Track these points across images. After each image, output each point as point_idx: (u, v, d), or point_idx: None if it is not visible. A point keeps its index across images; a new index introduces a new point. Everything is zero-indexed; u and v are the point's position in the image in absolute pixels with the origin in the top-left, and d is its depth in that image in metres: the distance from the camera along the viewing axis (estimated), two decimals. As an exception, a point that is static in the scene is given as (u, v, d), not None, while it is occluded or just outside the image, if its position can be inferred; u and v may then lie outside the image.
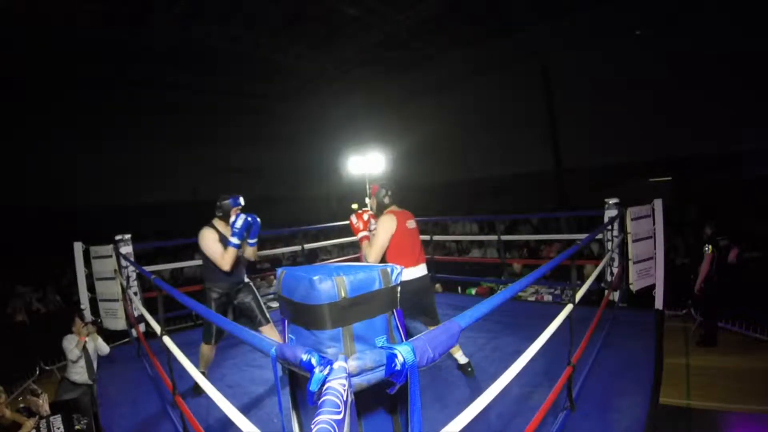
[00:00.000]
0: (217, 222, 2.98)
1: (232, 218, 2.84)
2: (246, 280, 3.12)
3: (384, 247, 2.76)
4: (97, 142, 10.73)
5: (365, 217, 2.97)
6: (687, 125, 8.39)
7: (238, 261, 2.96)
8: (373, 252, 2.76)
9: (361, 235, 2.93)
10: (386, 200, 2.91)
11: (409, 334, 2.99)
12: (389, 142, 10.38)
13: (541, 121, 10.99)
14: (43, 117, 9.78)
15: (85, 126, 10.48)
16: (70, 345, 3.99)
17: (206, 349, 2.96)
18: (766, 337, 5.38)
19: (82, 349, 4.00)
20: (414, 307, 2.84)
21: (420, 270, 2.85)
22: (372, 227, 2.94)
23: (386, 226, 2.76)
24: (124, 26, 7.93)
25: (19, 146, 9.65)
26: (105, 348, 4.17)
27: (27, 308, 6.98)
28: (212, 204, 3.05)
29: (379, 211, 2.93)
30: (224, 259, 2.82)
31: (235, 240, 2.78)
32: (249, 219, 2.83)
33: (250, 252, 3.07)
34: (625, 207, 4.09)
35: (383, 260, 2.79)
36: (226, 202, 2.96)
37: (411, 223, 2.89)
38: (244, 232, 2.83)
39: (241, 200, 3.00)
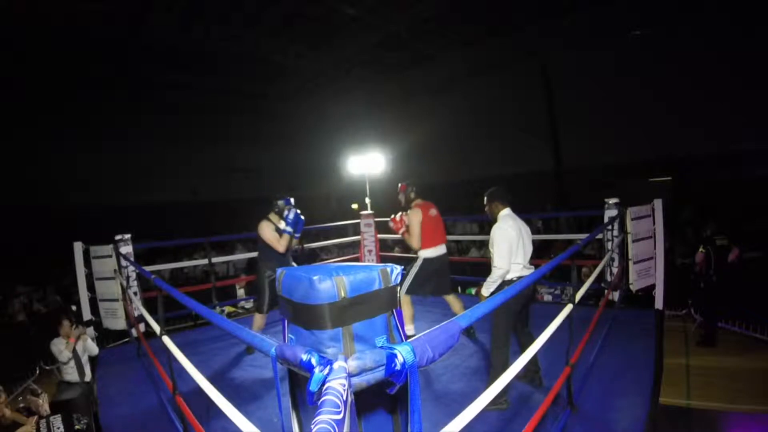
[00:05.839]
0: (272, 216, 3.68)
1: (286, 212, 3.56)
2: (293, 264, 3.77)
3: (420, 234, 3.56)
4: (97, 142, 10.72)
5: (398, 217, 3.72)
6: (687, 125, 8.38)
7: (288, 248, 3.63)
8: (414, 240, 3.58)
9: (402, 230, 3.69)
10: (412, 195, 3.70)
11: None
12: (389, 142, 10.37)
13: (541, 121, 10.99)
14: (43, 117, 9.77)
15: (85, 126, 10.47)
16: (60, 347, 3.98)
17: (259, 318, 3.67)
18: (766, 337, 5.38)
19: (72, 351, 3.99)
20: (430, 277, 3.59)
21: (441, 249, 3.64)
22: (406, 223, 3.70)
23: (416, 218, 3.56)
24: (124, 26, 7.93)
25: (19, 146, 9.65)
26: (94, 349, 4.15)
27: (27, 308, 6.97)
28: (212, 204, 3.15)
29: (407, 204, 3.71)
30: (280, 243, 3.53)
31: (289, 228, 3.52)
32: (298, 212, 3.56)
33: (293, 241, 3.78)
34: (625, 207, 4.09)
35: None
36: (281, 201, 3.67)
37: (433, 211, 3.65)
38: (295, 223, 3.53)
39: (292, 200, 3.71)
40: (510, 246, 2.66)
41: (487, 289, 2.76)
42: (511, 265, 2.68)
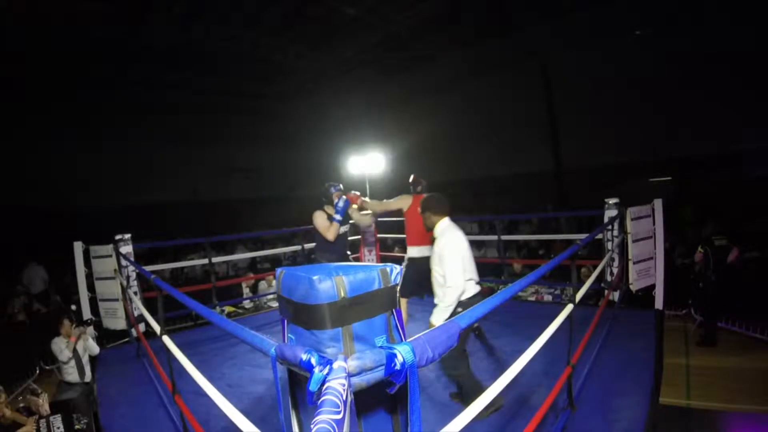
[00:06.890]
0: (327, 207, 3.66)
1: (336, 200, 3.56)
2: (350, 257, 3.86)
3: (386, 208, 3.76)
4: (97, 142, 10.72)
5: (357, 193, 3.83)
6: (687, 125, 8.38)
7: (344, 241, 3.72)
8: (379, 206, 3.79)
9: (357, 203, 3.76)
10: (419, 188, 3.79)
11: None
12: (389, 142, 10.37)
13: (541, 121, 10.98)
14: (43, 117, 9.77)
15: (85, 126, 10.47)
16: (60, 346, 3.99)
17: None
18: (766, 337, 5.37)
19: (72, 350, 4.00)
20: (418, 277, 3.40)
21: (426, 251, 3.43)
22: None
23: (403, 202, 3.68)
24: (124, 26, 7.92)
25: (19, 146, 9.65)
26: (95, 348, 4.16)
27: (27, 308, 6.97)
28: (212, 204, 3.12)
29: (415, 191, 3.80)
30: (329, 231, 3.52)
31: (338, 217, 3.51)
32: (348, 200, 3.56)
33: (367, 220, 4.02)
34: (625, 207, 4.09)
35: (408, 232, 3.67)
36: (331, 189, 3.64)
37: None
38: (345, 211, 3.54)
39: (341, 186, 3.70)
40: (462, 260, 2.42)
41: (439, 317, 2.37)
42: (465, 283, 2.41)
